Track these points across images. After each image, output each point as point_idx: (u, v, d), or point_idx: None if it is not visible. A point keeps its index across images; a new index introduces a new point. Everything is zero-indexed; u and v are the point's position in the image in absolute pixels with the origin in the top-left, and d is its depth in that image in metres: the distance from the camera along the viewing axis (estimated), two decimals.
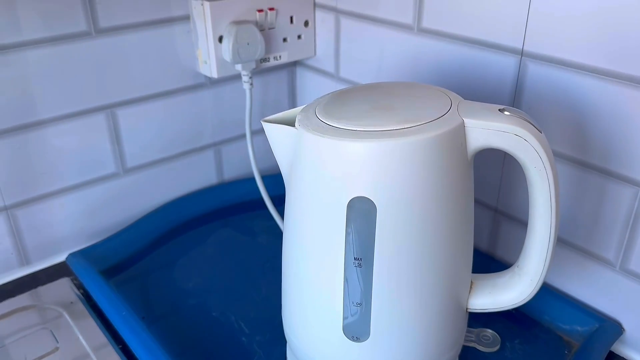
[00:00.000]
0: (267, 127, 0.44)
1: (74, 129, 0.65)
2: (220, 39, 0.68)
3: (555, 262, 0.56)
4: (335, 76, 0.76)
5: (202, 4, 0.67)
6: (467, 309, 0.47)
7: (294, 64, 0.82)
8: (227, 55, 0.68)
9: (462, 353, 0.51)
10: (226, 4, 0.67)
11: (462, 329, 0.48)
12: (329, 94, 0.47)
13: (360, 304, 0.42)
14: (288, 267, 0.46)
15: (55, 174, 0.66)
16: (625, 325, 0.55)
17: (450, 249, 0.42)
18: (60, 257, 0.68)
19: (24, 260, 0.67)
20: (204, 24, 0.68)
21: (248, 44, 0.69)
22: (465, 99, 0.43)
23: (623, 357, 0.55)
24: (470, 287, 0.47)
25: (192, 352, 0.55)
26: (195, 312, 0.60)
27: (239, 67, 0.70)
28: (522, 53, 0.54)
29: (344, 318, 0.42)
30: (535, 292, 0.45)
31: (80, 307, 0.60)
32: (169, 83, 0.71)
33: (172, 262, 0.68)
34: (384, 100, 0.42)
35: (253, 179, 0.80)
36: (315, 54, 0.78)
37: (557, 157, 0.54)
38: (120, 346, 0.54)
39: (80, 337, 0.55)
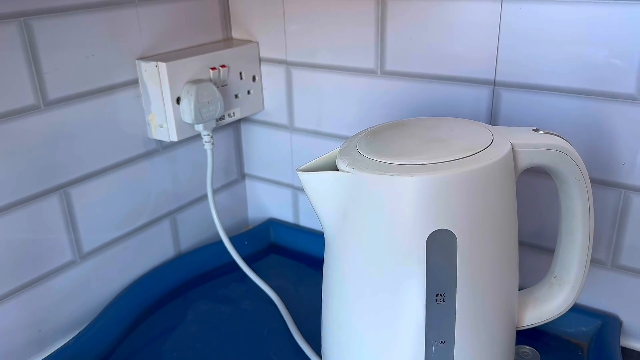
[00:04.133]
0: (306, 177, 0.42)
1: (24, 218, 0.57)
2: (178, 100, 0.65)
3: (544, 268, 0.59)
4: (289, 127, 0.76)
5: (156, 66, 0.63)
6: (516, 327, 0.48)
7: (239, 120, 0.80)
8: (188, 116, 0.65)
9: None
10: (181, 64, 0.64)
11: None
12: (357, 136, 0.46)
13: (443, 342, 0.41)
14: (348, 316, 0.43)
15: (3, 272, 0.56)
16: (622, 317, 0.60)
17: (513, 270, 0.43)
18: None
19: None
20: (159, 86, 0.64)
21: (208, 102, 0.66)
22: None
23: (624, 348, 0.59)
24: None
25: None
26: None
27: (199, 127, 0.66)
28: (494, 83, 0.59)
29: (426, 359, 0.41)
30: (577, 298, 0.47)
31: None
32: (120, 154, 0.65)
33: (157, 347, 0.61)
34: (428, 133, 0.43)
35: (212, 245, 0.76)
36: (263, 108, 0.77)
37: (542, 173, 0.58)
38: None
39: None
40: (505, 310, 0.43)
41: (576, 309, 0.61)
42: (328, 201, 0.42)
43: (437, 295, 0.39)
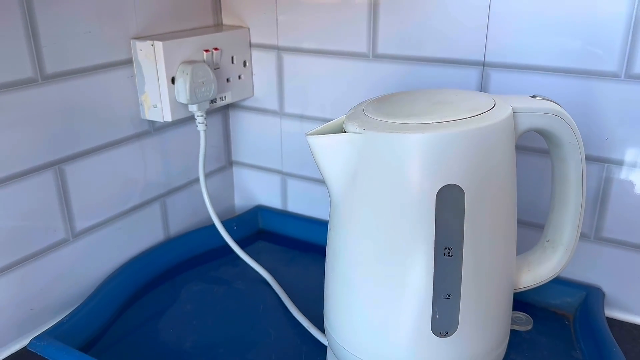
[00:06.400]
0: (317, 140, 0.43)
1: (19, 192, 0.56)
2: (172, 80, 0.65)
3: (533, 243, 0.61)
4: (279, 113, 0.77)
5: (152, 45, 0.63)
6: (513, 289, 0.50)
7: (227, 106, 0.80)
8: (183, 96, 0.65)
9: None
10: (176, 44, 0.65)
11: None
12: (363, 103, 0.47)
13: (450, 295, 0.42)
14: (357, 274, 0.45)
15: None
16: (604, 289, 0.62)
17: (512, 229, 0.45)
18: (9, 350, 0.57)
19: None
20: (154, 65, 0.64)
21: (203, 83, 0.66)
22: None
23: (608, 318, 0.62)
24: None
25: None
26: None
27: (193, 107, 0.67)
28: (483, 64, 0.61)
29: (433, 312, 0.42)
30: (569, 260, 0.50)
31: None
32: (113, 133, 0.65)
33: (153, 325, 0.60)
34: (433, 98, 0.45)
35: (202, 229, 0.77)
36: (253, 93, 0.78)
37: (529, 150, 0.61)
38: None
39: None
40: (506, 267, 0.45)
41: (561, 281, 0.63)
42: (337, 164, 0.43)
43: (446, 249, 0.41)
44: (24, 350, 0.56)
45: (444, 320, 0.43)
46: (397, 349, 0.44)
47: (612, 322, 0.61)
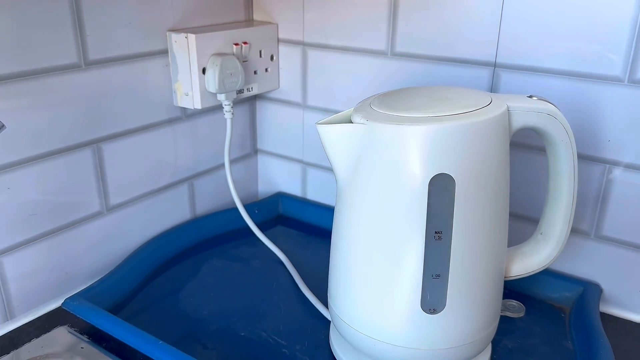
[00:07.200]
0: (326, 129, 0.48)
1: (60, 167, 0.62)
2: (204, 71, 0.70)
3: (529, 236, 0.63)
4: (302, 105, 0.81)
5: (186, 37, 0.69)
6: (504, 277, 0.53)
7: (254, 97, 0.85)
8: (212, 86, 0.70)
9: None
10: (208, 37, 0.70)
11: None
12: (370, 97, 0.51)
13: (439, 276, 0.46)
14: (356, 254, 0.49)
15: (38, 216, 0.62)
16: (603, 285, 0.65)
17: (503, 218, 0.48)
18: (45, 309, 0.63)
19: (9, 315, 0.61)
20: (187, 56, 0.69)
21: (231, 74, 0.71)
22: None
23: (604, 313, 0.64)
24: None
25: None
26: (223, 336, 0.59)
27: (221, 97, 0.72)
28: (495, 65, 0.64)
29: (423, 291, 0.46)
30: (560, 253, 0.53)
31: (94, 350, 0.56)
32: (148, 117, 0.71)
33: (174, 294, 0.66)
34: (434, 94, 0.49)
35: (226, 211, 0.82)
36: (279, 86, 0.82)
37: (534, 149, 0.64)
38: None
39: None
40: (494, 253, 0.49)
41: (561, 276, 0.66)
42: (343, 151, 0.48)
43: (436, 232, 0.45)
44: (58, 309, 0.62)
45: (432, 298, 0.46)
46: (390, 323, 0.48)
47: (607, 317, 0.64)
